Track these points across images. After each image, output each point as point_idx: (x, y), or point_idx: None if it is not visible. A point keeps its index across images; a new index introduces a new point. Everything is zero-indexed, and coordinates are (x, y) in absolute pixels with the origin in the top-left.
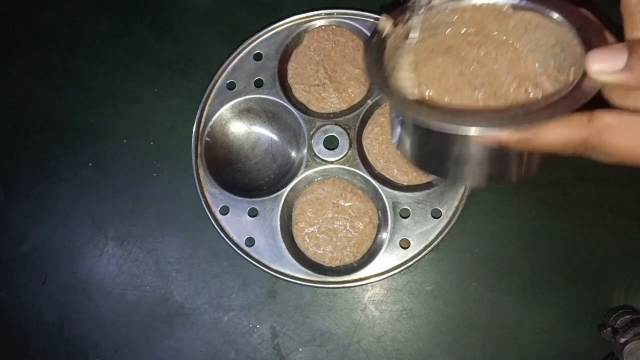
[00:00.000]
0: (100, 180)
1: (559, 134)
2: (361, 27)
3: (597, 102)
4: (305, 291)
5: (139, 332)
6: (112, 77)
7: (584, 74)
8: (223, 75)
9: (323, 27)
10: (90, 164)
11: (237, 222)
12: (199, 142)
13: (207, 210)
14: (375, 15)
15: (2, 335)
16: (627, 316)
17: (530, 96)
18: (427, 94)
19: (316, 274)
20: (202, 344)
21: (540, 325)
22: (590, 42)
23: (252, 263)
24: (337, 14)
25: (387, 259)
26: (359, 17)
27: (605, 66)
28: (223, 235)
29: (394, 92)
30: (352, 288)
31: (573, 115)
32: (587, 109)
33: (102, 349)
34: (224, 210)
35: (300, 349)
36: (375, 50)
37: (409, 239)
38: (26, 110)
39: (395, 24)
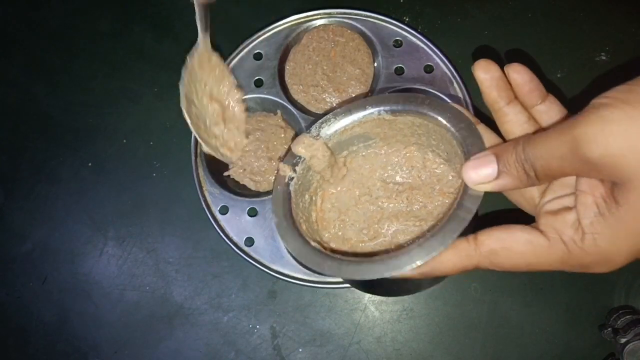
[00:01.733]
0: (100, 180)
1: (452, 265)
2: (361, 27)
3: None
4: (305, 291)
5: (139, 332)
6: (112, 77)
7: (463, 181)
8: None
9: (322, 27)
10: (90, 164)
11: (237, 222)
12: (199, 142)
13: (206, 210)
14: (376, 15)
15: (2, 335)
16: (627, 316)
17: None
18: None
19: (316, 274)
20: (202, 344)
21: (541, 326)
22: (466, 142)
23: (251, 263)
24: (337, 13)
25: None
26: (359, 17)
27: (479, 178)
28: (222, 235)
29: (306, 248)
30: (352, 288)
31: (461, 243)
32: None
33: (102, 349)
34: (224, 210)
35: (300, 350)
36: (282, 200)
37: None
38: (26, 110)
39: (293, 166)
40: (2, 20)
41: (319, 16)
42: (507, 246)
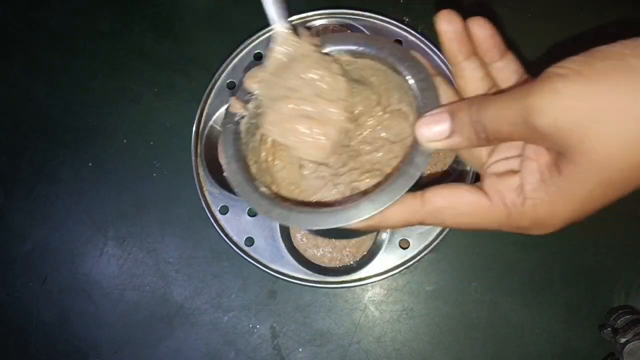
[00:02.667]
0: (100, 180)
1: (398, 219)
2: (361, 27)
3: None
4: (305, 291)
5: (139, 332)
6: (112, 77)
7: (414, 137)
8: (223, 75)
9: (322, 27)
10: (90, 164)
11: (237, 221)
12: (199, 142)
13: (206, 210)
14: (376, 15)
15: (2, 335)
16: (627, 316)
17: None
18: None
19: (316, 274)
20: (202, 344)
21: (541, 326)
22: (422, 96)
23: (251, 263)
24: (337, 13)
25: (387, 259)
26: (359, 17)
27: (431, 135)
28: (222, 235)
29: (256, 194)
30: (352, 288)
31: (408, 199)
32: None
33: (102, 349)
34: (224, 210)
35: (300, 349)
36: (232, 141)
37: (408, 239)
38: (26, 110)
39: (245, 102)
40: (2, 20)
41: (319, 16)
42: (451, 205)
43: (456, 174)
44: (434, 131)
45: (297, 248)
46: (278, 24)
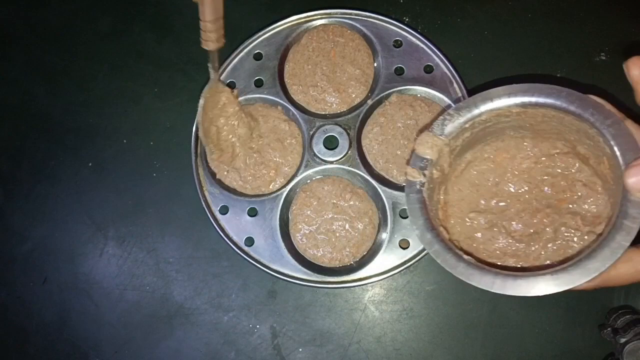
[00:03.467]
0: (100, 180)
1: (627, 274)
2: (361, 27)
3: None
4: (305, 291)
5: (139, 332)
6: (112, 77)
7: (624, 188)
8: (223, 75)
9: (322, 27)
10: (90, 164)
11: (237, 221)
12: (199, 142)
13: (206, 210)
14: (376, 15)
15: (2, 335)
16: (627, 316)
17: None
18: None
19: (316, 274)
20: (202, 344)
21: (541, 325)
22: (617, 140)
23: (251, 263)
24: (337, 13)
25: (387, 259)
26: (359, 17)
27: None
28: (222, 235)
29: (461, 261)
30: (352, 288)
31: (632, 253)
32: None
33: (102, 349)
34: (224, 210)
35: (300, 349)
36: (419, 210)
37: (408, 239)
38: (26, 110)
39: (422, 169)
40: (2, 20)
41: (319, 16)
42: None
43: None
44: None
45: (297, 248)
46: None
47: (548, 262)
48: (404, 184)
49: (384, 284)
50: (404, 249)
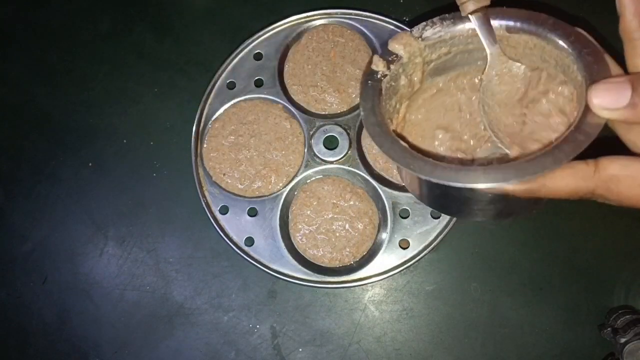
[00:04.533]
0: (100, 180)
1: (565, 185)
2: (361, 27)
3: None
4: (305, 291)
5: (139, 332)
6: (112, 77)
7: (586, 108)
8: (223, 75)
9: (322, 27)
10: (90, 164)
11: (237, 221)
12: (199, 142)
13: (206, 210)
14: (376, 15)
15: (2, 335)
16: (627, 316)
17: (534, 122)
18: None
19: (316, 274)
20: (202, 344)
21: (540, 325)
22: (590, 69)
23: (251, 263)
24: (337, 13)
25: (387, 259)
26: (359, 17)
27: (608, 102)
28: (222, 235)
29: (395, 146)
30: (352, 288)
31: (578, 164)
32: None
33: (102, 349)
34: (224, 210)
35: (300, 349)
36: (372, 96)
37: (408, 239)
38: (26, 110)
39: (388, 62)
40: (2, 20)
41: (319, 16)
42: (631, 175)
43: None
44: (611, 99)
45: (297, 248)
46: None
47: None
48: (400, 181)
49: (384, 284)
50: (404, 249)
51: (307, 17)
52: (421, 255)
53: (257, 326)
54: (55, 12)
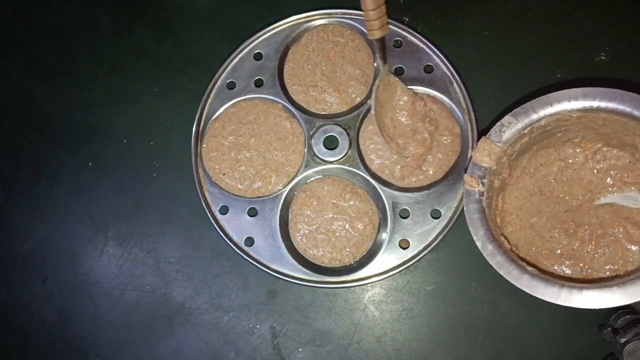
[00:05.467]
0: (100, 180)
1: None
2: (362, 27)
3: None
4: (305, 291)
5: (139, 332)
6: (112, 77)
7: None
8: (223, 75)
9: (322, 27)
10: (90, 164)
11: (237, 221)
12: (199, 142)
13: (206, 210)
14: None
15: (2, 335)
16: (627, 316)
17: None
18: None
19: (316, 274)
20: (202, 344)
21: (540, 325)
22: None
23: (251, 263)
24: (337, 13)
25: (387, 259)
26: (359, 17)
27: None
28: (222, 235)
29: (524, 272)
30: (352, 288)
31: None
32: None
33: (102, 349)
34: (224, 210)
35: (300, 349)
36: (479, 220)
37: (408, 239)
38: (26, 110)
39: (480, 178)
40: (2, 20)
41: (319, 16)
42: None
43: None
44: None
45: (297, 248)
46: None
47: (609, 266)
48: (400, 185)
49: (384, 284)
50: (404, 249)
51: (307, 17)
52: (421, 255)
53: (257, 326)
54: (55, 12)
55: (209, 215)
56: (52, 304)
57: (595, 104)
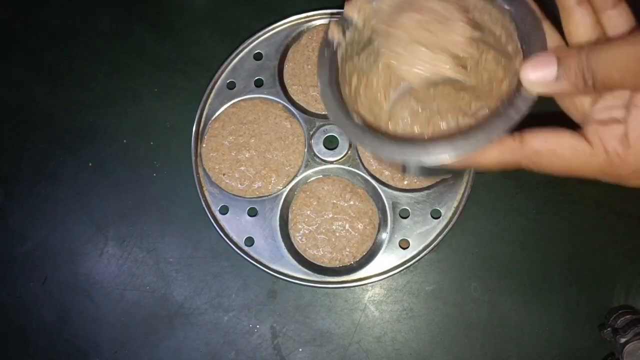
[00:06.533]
0: (100, 180)
1: (493, 158)
2: None
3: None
4: (305, 291)
5: (139, 332)
6: (112, 77)
7: (519, 82)
8: (223, 75)
9: (322, 27)
10: (90, 164)
11: (237, 221)
12: (199, 142)
13: (206, 210)
14: None
15: (2, 335)
16: (627, 316)
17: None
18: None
19: (316, 274)
20: (202, 344)
21: (540, 325)
22: (528, 39)
23: (251, 263)
24: (337, 13)
25: (387, 259)
26: None
27: (537, 78)
28: (222, 235)
29: (350, 121)
30: (352, 288)
31: (506, 139)
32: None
33: (102, 349)
34: (224, 210)
35: (300, 349)
36: (328, 67)
37: (408, 239)
38: (26, 110)
39: (344, 29)
40: (2, 20)
41: (319, 16)
42: (551, 148)
43: None
44: (540, 74)
45: (297, 248)
46: None
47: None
48: (395, 183)
49: (384, 284)
50: (404, 249)
51: (307, 17)
52: (421, 255)
53: (257, 326)
54: (55, 12)
55: (209, 215)
56: (52, 304)
57: None
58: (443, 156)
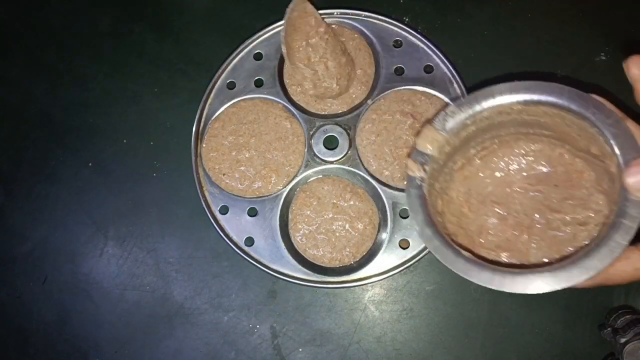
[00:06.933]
0: (100, 180)
1: (625, 275)
2: (362, 27)
3: None
4: (305, 291)
5: (139, 332)
6: (112, 77)
7: (623, 187)
8: (223, 75)
9: None
10: (90, 164)
11: (237, 221)
12: (199, 142)
13: (206, 210)
14: (376, 15)
15: (2, 335)
16: (627, 316)
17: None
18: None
19: (316, 274)
20: (202, 344)
21: (540, 325)
22: (617, 140)
23: (251, 263)
24: (337, 13)
25: (387, 259)
26: (359, 17)
27: None
28: (222, 235)
29: (458, 256)
30: (352, 288)
31: (632, 253)
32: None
33: (102, 349)
34: (224, 210)
35: (300, 349)
36: (419, 206)
37: (408, 239)
38: (26, 110)
39: (422, 165)
40: (2, 20)
41: None
42: None
43: None
44: None
45: (297, 248)
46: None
47: (545, 260)
48: (395, 183)
49: (384, 284)
50: (404, 249)
51: None
52: (421, 255)
53: (257, 326)
54: (55, 12)
55: (209, 215)
56: (52, 304)
57: (535, 97)
58: (574, 282)
